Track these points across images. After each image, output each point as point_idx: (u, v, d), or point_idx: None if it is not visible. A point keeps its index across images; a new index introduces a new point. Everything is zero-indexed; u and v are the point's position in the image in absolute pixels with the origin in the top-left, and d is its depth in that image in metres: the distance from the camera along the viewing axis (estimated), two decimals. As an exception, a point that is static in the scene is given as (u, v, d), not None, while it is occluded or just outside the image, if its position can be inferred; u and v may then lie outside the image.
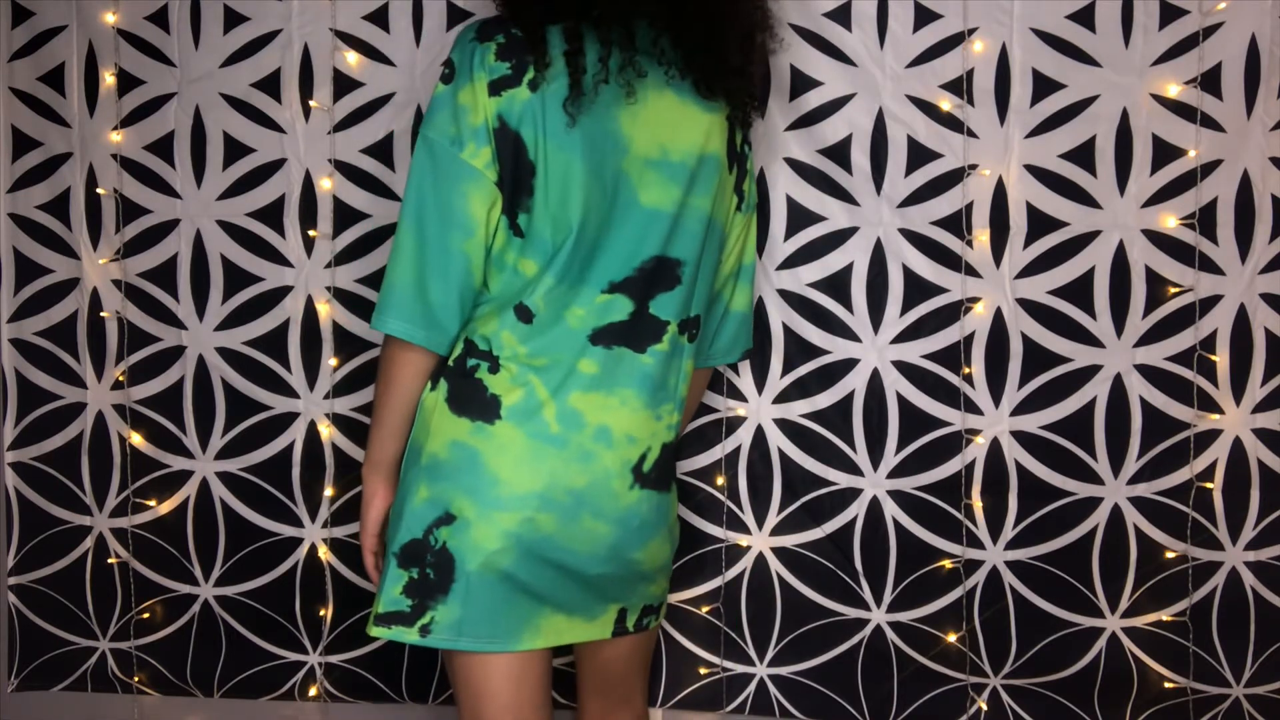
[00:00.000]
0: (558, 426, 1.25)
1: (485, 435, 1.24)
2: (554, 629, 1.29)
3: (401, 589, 1.25)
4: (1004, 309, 1.68)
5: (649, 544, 1.34)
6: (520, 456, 1.23)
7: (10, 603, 1.92)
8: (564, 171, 1.24)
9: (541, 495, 1.24)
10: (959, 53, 1.65)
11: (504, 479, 1.23)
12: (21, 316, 1.87)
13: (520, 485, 1.23)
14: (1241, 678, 1.72)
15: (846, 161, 1.68)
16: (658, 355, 1.30)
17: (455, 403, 1.26)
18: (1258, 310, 1.67)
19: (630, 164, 1.27)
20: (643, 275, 1.28)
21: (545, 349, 1.25)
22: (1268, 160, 1.64)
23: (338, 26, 1.74)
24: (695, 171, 1.31)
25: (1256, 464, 1.69)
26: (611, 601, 1.34)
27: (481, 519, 1.22)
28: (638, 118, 1.27)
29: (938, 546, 1.73)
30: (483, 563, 1.22)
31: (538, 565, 1.25)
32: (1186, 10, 1.61)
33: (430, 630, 1.23)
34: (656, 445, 1.33)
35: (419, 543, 1.25)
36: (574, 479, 1.25)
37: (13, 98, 1.82)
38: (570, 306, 1.26)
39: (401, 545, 1.25)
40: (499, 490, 1.23)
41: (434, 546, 1.24)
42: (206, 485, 1.85)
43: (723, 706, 1.81)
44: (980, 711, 1.76)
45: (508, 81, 1.22)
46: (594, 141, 1.24)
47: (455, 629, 1.23)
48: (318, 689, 1.86)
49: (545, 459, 1.24)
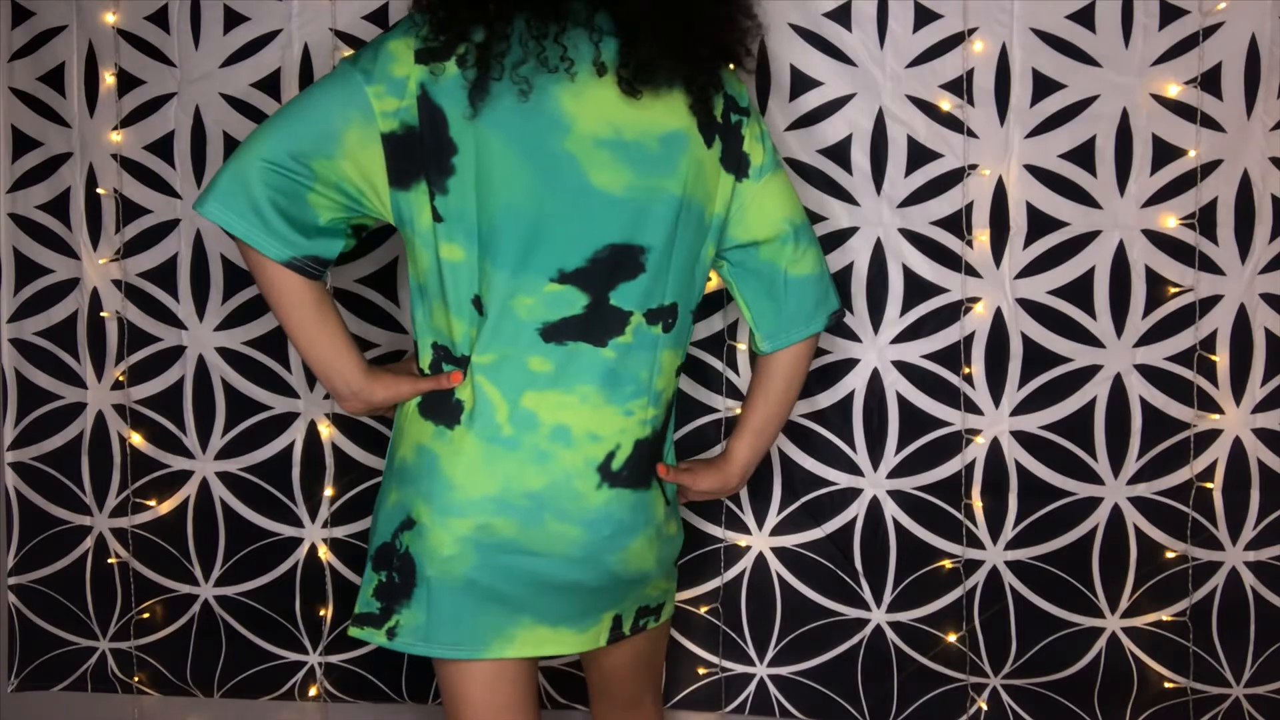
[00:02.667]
0: (510, 429, 1.22)
1: (445, 440, 1.23)
2: (534, 639, 1.26)
3: (373, 591, 1.26)
4: (1004, 309, 1.68)
5: (628, 547, 1.29)
6: (474, 461, 1.22)
7: (10, 603, 1.92)
8: (489, 150, 1.18)
9: (497, 500, 1.21)
10: (959, 53, 1.65)
11: (458, 484, 1.22)
12: (21, 316, 1.87)
13: (474, 490, 1.21)
14: (1241, 678, 1.72)
15: (846, 161, 1.68)
16: (619, 348, 1.25)
17: (425, 406, 1.26)
18: (1258, 310, 1.67)
19: (575, 144, 1.20)
20: (598, 266, 1.22)
21: (492, 343, 1.22)
22: (1268, 160, 1.64)
23: (338, 26, 1.74)
24: (657, 153, 1.23)
25: (1256, 464, 1.69)
26: (603, 610, 1.31)
27: (437, 525, 1.21)
28: (582, 96, 1.20)
29: (938, 546, 1.73)
30: (440, 569, 1.22)
31: (504, 572, 1.23)
32: (1186, 10, 1.61)
33: (396, 634, 1.24)
34: (628, 441, 1.27)
35: (388, 546, 1.25)
36: (530, 481, 1.22)
37: (13, 98, 1.82)
38: (516, 295, 1.21)
39: (375, 548, 1.27)
40: (453, 495, 1.21)
41: (399, 551, 1.24)
42: (206, 485, 1.85)
43: (722, 706, 1.81)
44: (980, 711, 1.76)
45: (436, 54, 1.18)
46: (526, 120, 1.19)
47: (421, 634, 1.23)
48: (318, 689, 1.86)
49: (498, 462, 1.22)
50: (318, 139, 1.17)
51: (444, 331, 1.24)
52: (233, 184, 1.17)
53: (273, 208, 1.17)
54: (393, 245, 1.77)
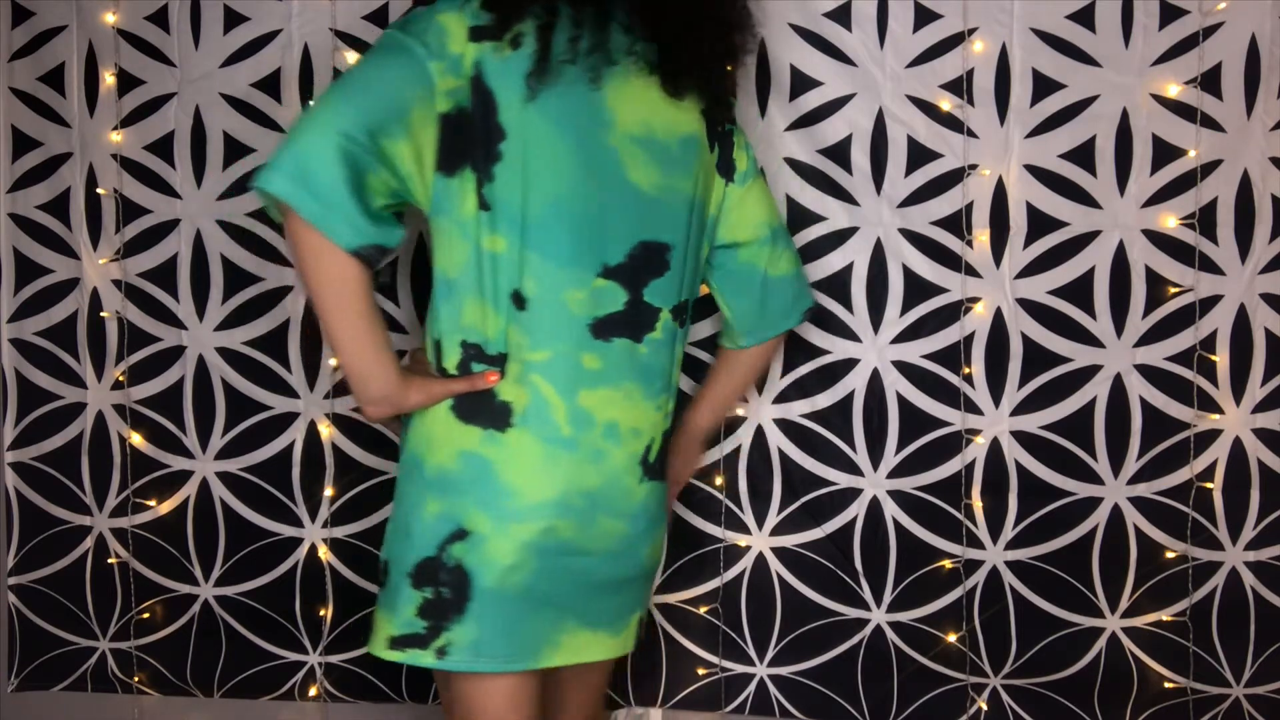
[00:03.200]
0: (569, 429, 1.19)
1: (497, 444, 1.18)
2: (576, 645, 1.24)
3: (416, 610, 1.19)
4: (1004, 309, 1.68)
5: (655, 538, 1.32)
6: (534, 464, 1.18)
7: (10, 603, 1.92)
8: (539, 138, 1.14)
9: (558, 503, 1.19)
10: (959, 53, 1.65)
11: (519, 489, 1.18)
12: (21, 316, 1.87)
13: (536, 494, 1.18)
14: (1241, 678, 1.72)
15: (846, 161, 1.68)
16: (653, 344, 1.26)
17: (462, 410, 1.19)
18: (1258, 310, 1.67)
19: (617, 139, 1.19)
20: (633, 262, 1.22)
21: (545, 340, 1.18)
22: (1268, 160, 1.64)
23: (338, 26, 1.74)
24: (676, 153, 1.25)
25: (1256, 464, 1.69)
26: (631, 612, 1.31)
27: (498, 533, 1.17)
28: (624, 91, 1.20)
29: (938, 546, 1.73)
30: (499, 578, 1.17)
31: (558, 575, 1.21)
32: (1186, 10, 1.61)
33: (447, 653, 1.18)
34: (659, 436, 1.30)
35: (432, 561, 1.18)
36: (588, 481, 1.21)
37: (13, 98, 1.82)
38: (566, 288, 1.18)
39: (414, 564, 1.19)
40: (515, 501, 1.18)
41: (448, 565, 1.18)
42: (206, 485, 1.85)
43: (722, 706, 1.81)
44: (980, 711, 1.76)
45: (489, 32, 1.12)
46: (579, 110, 1.17)
47: (473, 650, 1.18)
48: (318, 689, 1.86)
49: (558, 463, 1.19)
50: (387, 115, 1.07)
51: (476, 328, 1.19)
52: (305, 158, 1.05)
53: (347, 187, 1.05)
54: (393, 245, 1.76)
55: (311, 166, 1.05)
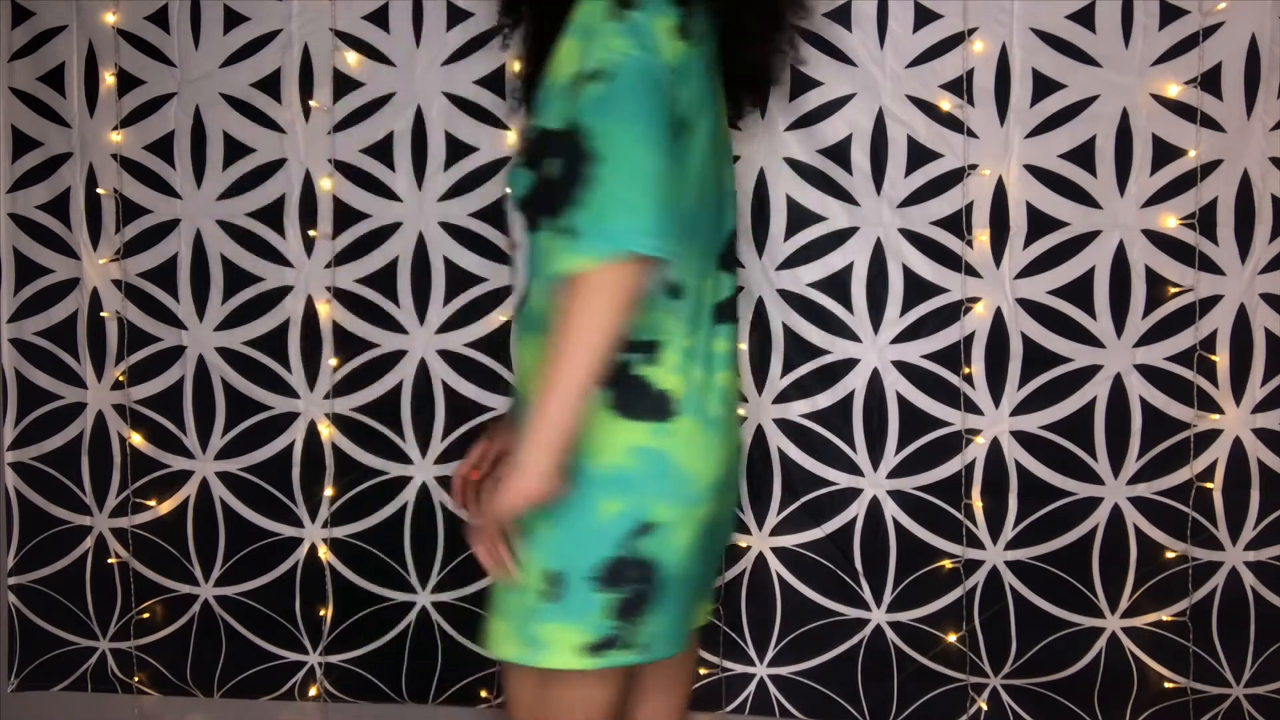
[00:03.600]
0: (716, 409, 1.22)
1: (666, 434, 1.17)
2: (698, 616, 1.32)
3: (608, 612, 1.16)
4: (1004, 309, 1.68)
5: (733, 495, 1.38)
6: (701, 448, 1.20)
7: (10, 603, 1.92)
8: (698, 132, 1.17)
9: (719, 482, 1.23)
10: (959, 53, 1.65)
11: (694, 474, 1.19)
12: (21, 316, 1.87)
13: (707, 477, 1.20)
14: (1241, 678, 1.72)
15: (846, 161, 1.68)
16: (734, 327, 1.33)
17: (623, 407, 1.17)
18: (1258, 310, 1.67)
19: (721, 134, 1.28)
20: (731, 251, 1.30)
21: (692, 329, 1.20)
22: (1268, 160, 1.64)
23: (338, 26, 1.74)
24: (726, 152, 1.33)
25: (1256, 464, 1.69)
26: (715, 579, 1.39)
27: (682, 521, 1.18)
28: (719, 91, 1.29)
29: (938, 546, 1.73)
30: (681, 565, 1.19)
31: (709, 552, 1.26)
32: (1186, 10, 1.61)
33: (650, 647, 1.18)
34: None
35: (621, 560, 1.15)
36: (731, 458, 1.26)
37: (13, 98, 1.82)
38: (705, 276, 1.22)
39: (599, 566, 1.15)
40: (691, 487, 1.19)
41: (637, 560, 1.16)
42: (206, 485, 1.85)
43: (722, 706, 1.81)
44: (980, 711, 1.76)
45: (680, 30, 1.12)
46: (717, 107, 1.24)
47: (665, 639, 1.20)
48: (318, 689, 1.86)
49: (714, 444, 1.22)
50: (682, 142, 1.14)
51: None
52: (663, 209, 1.05)
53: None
54: (393, 245, 1.76)
55: (665, 213, 1.06)
